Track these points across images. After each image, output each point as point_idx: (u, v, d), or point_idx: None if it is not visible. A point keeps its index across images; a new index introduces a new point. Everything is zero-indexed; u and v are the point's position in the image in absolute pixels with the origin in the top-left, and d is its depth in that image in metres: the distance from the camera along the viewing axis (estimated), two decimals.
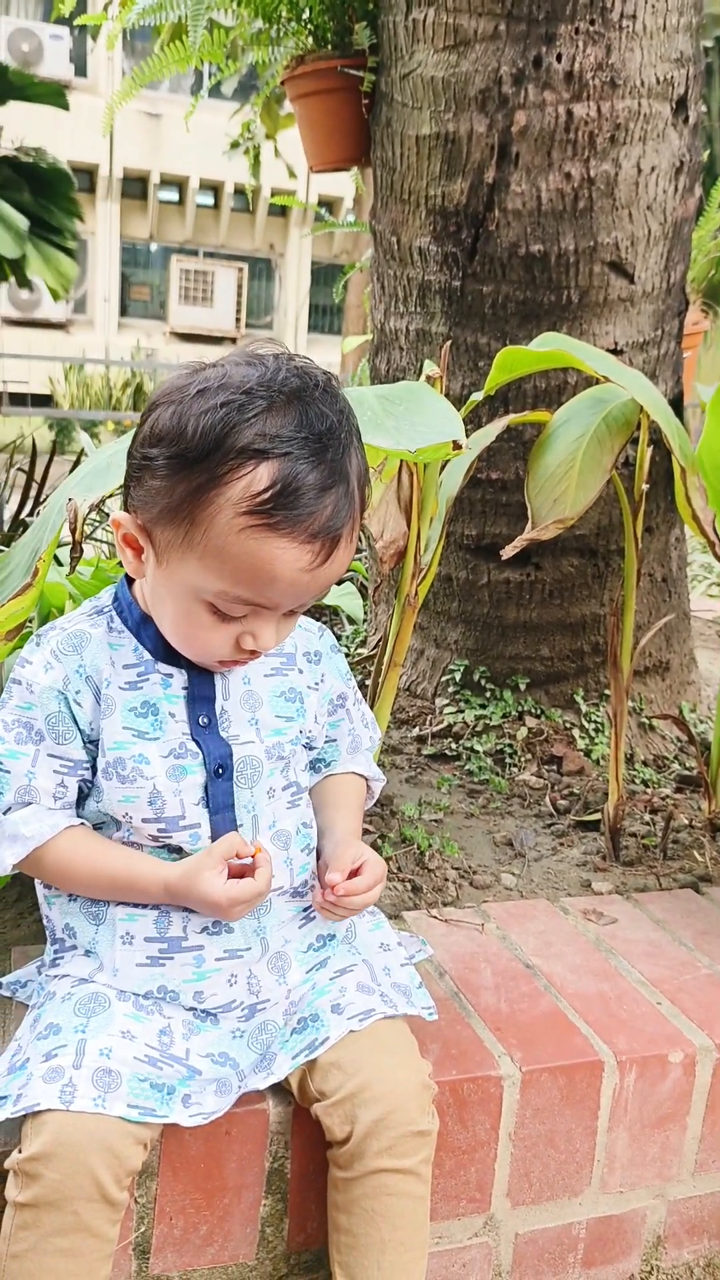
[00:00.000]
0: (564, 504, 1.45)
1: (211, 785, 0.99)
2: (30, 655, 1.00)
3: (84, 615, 1.03)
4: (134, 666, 0.99)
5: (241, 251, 19.28)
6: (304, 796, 1.09)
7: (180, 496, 0.87)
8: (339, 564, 0.91)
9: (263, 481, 0.85)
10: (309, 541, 0.86)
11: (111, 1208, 0.87)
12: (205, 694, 1.00)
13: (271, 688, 1.04)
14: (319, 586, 0.91)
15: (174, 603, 0.93)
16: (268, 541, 0.86)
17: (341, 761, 1.15)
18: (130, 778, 0.97)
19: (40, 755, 0.98)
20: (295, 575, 0.88)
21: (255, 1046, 1.00)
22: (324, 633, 1.13)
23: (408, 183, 1.84)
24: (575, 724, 2.00)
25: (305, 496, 0.85)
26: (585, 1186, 1.16)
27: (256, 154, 3.68)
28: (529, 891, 1.50)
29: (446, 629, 2.03)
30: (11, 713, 0.99)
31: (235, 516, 0.85)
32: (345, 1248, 0.95)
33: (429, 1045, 1.09)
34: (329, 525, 0.87)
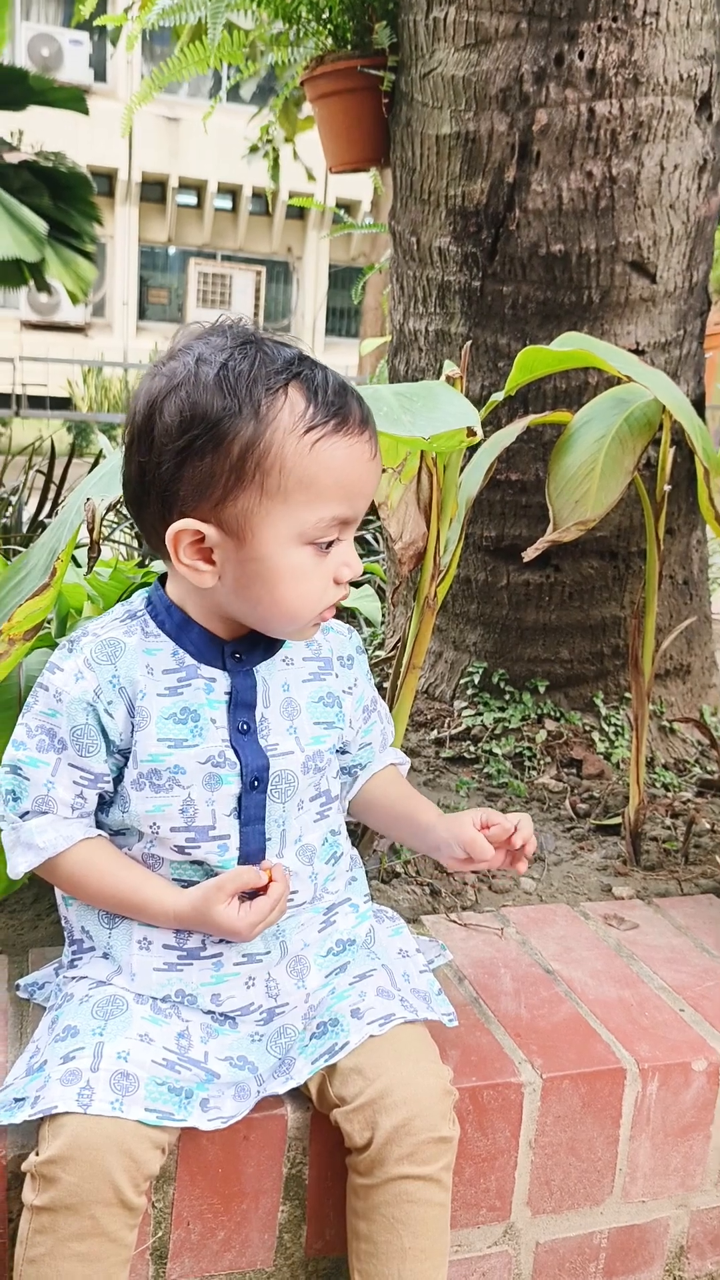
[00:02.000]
0: (585, 506, 1.44)
1: (245, 797, 0.98)
2: (61, 662, 0.98)
3: (117, 621, 1.01)
4: (174, 671, 0.97)
5: (259, 255, 19.33)
6: (334, 805, 1.07)
7: (237, 457, 0.88)
8: (380, 460, 0.96)
9: (299, 401, 0.89)
10: (362, 430, 0.92)
11: (129, 1212, 0.87)
12: (247, 700, 0.99)
13: (310, 694, 1.03)
14: (377, 483, 0.95)
15: (275, 568, 0.91)
16: (338, 444, 0.90)
17: (377, 760, 1.16)
18: (165, 787, 0.96)
19: (61, 765, 0.97)
20: (366, 468, 0.92)
21: (274, 1051, 0.99)
22: (353, 634, 1.12)
23: (427, 183, 1.83)
24: (595, 727, 1.98)
25: (337, 395, 0.91)
26: (607, 1196, 1.14)
27: (275, 157, 3.69)
28: (549, 896, 1.48)
29: (465, 631, 2.02)
30: (36, 718, 0.98)
31: (300, 439, 0.89)
32: (365, 1255, 0.94)
33: (448, 1051, 1.08)
34: (365, 415, 0.93)
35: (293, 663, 1.03)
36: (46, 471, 2.46)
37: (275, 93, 3.05)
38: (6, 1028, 1.07)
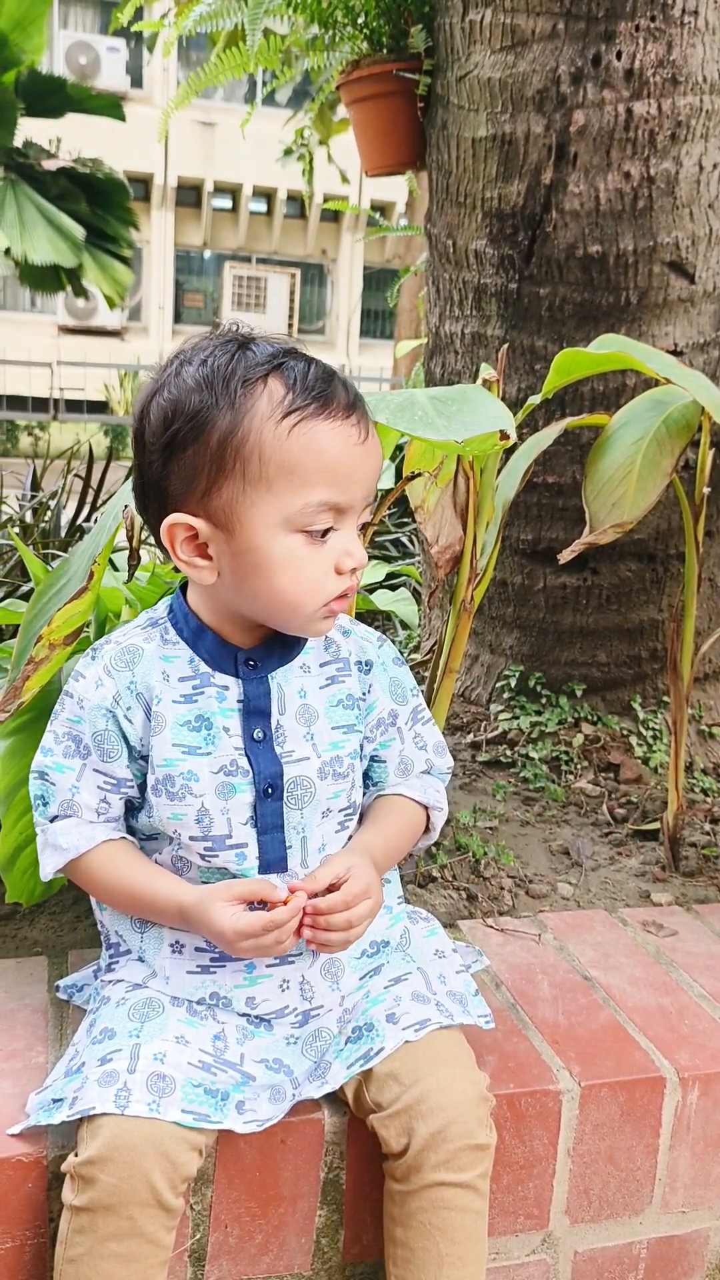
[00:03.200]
0: (623, 508, 1.43)
1: (260, 805, 0.98)
2: (84, 669, 1.00)
3: (138, 628, 1.02)
4: (189, 679, 0.98)
5: (294, 257, 19.39)
6: (358, 815, 1.07)
7: (216, 447, 0.90)
8: (379, 448, 0.94)
9: (278, 388, 0.89)
10: (348, 414, 0.90)
11: (167, 1214, 0.87)
12: (260, 707, 0.98)
13: (328, 698, 1.03)
14: (374, 470, 0.93)
15: (267, 558, 0.91)
16: (317, 428, 0.89)
17: (390, 785, 1.09)
18: (179, 794, 0.97)
19: (85, 771, 0.99)
20: (353, 451, 0.91)
21: (310, 1054, 0.99)
22: (384, 644, 1.10)
23: (463, 185, 1.82)
24: (632, 731, 1.96)
25: (319, 382, 0.90)
26: (646, 1205, 1.13)
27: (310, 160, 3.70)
28: (586, 902, 1.47)
29: (501, 634, 2.02)
30: (63, 725, 1.00)
31: (278, 424, 0.89)
32: (402, 1261, 0.94)
33: (485, 1057, 1.08)
34: (353, 399, 0.91)
35: (309, 670, 1.02)
36: (84, 475, 2.48)
37: (311, 96, 3.06)
38: (47, 1029, 1.08)
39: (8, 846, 1.19)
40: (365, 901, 0.94)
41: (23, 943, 1.26)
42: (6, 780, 1.20)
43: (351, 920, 0.93)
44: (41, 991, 1.14)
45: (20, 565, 2.03)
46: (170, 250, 18.57)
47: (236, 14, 1.97)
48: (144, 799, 1.00)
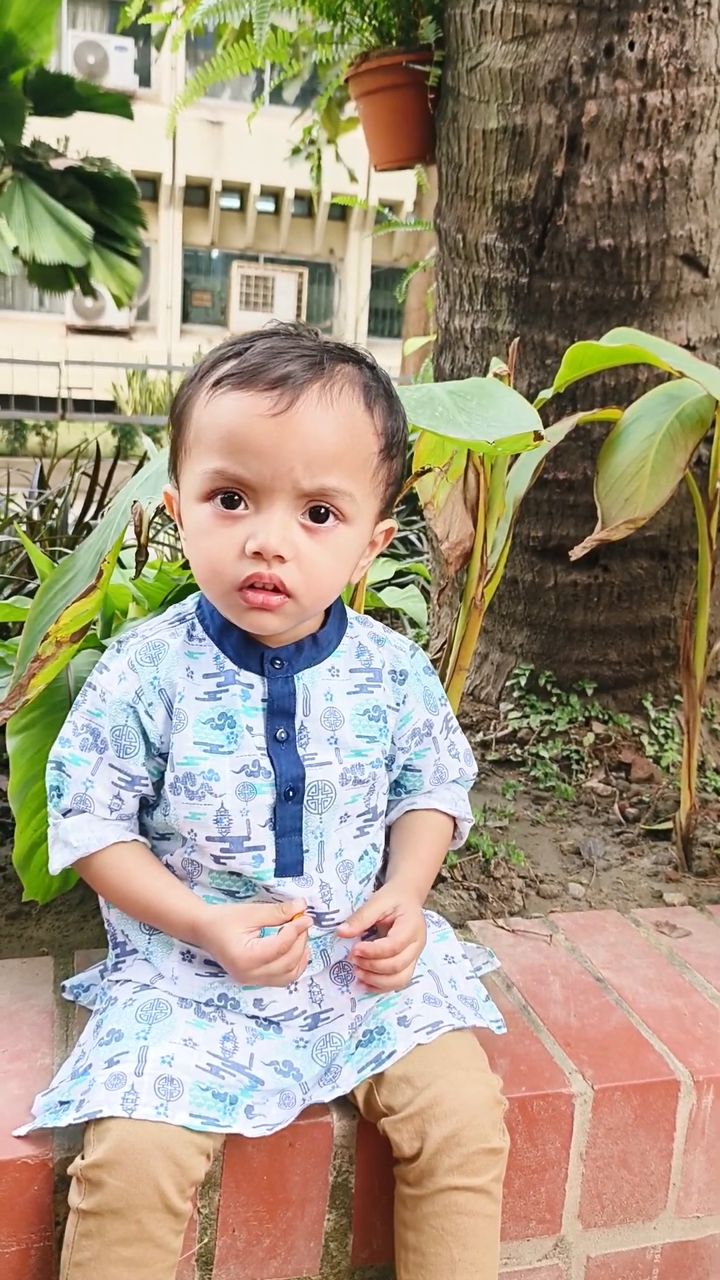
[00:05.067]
0: (635, 504, 1.41)
1: (280, 808, 0.96)
2: (109, 662, 0.99)
3: (166, 623, 1.01)
4: (214, 676, 0.97)
5: (302, 257, 19.38)
6: (377, 821, 1.05)
7: (175, 417, 0.94)
8: (315, 422, 0.87)
9: (229, 363, 0.90)
10: (267, 389, 0.87)
11: (175, 1218, 0.86)
12: (285, 707, 0.97)
13: (355, 705, 1.01)
14: (292, 450, 0.87)
15: (186, 526, 0.93)
16: (231, 396, 0.88)
17: (423, 794, 1.10)
18: (199, 794, 0.95)
19: (101, 765, 0.98)
20: (257, 423, 0.87)
21: (320, 1059, 0.98)
22: (416, 652, 1.09)
23: (474, 178, 1.81)
24: (644, 730, 1.95)
25: (262, 356, 0.88)
26: (660, 1210, 1.11)
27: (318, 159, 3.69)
28: (598, 902, 1.45)
29: (511, 632, 2.00)
30: (83, 716, 0.99)
31: (207, 394, 0.90)
32: (414, 1266, 0.92)
33: (497, 1060, 1.06)
34: (286, 375, 0.87)
35: (338, 673, 1.01)
36: (92, 474, 2.47)
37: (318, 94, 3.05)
38: (52, 1029, 1.07)
39: (23, 843, 1.18)
40: (411, 946, 0.96)
41: (28, 942, 1.25)
42: (19, 776, 1.19)
43: (397, 966, 0.95)
44: (47, 992, 1.13)
45: (26, 562, 2.02)
46: (178, 250, 18.58)
47: (244, 7, 1.96)
48: (160, 797, 0.99)
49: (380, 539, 1.00)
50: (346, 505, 0.91)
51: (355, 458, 0.91)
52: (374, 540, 0.99)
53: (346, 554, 0.93)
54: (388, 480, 0.96)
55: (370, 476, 0.93)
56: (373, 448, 0.92)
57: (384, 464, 0.94)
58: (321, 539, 0.90)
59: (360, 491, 0.92)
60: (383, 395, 0.94)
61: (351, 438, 0.90)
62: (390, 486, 0.97)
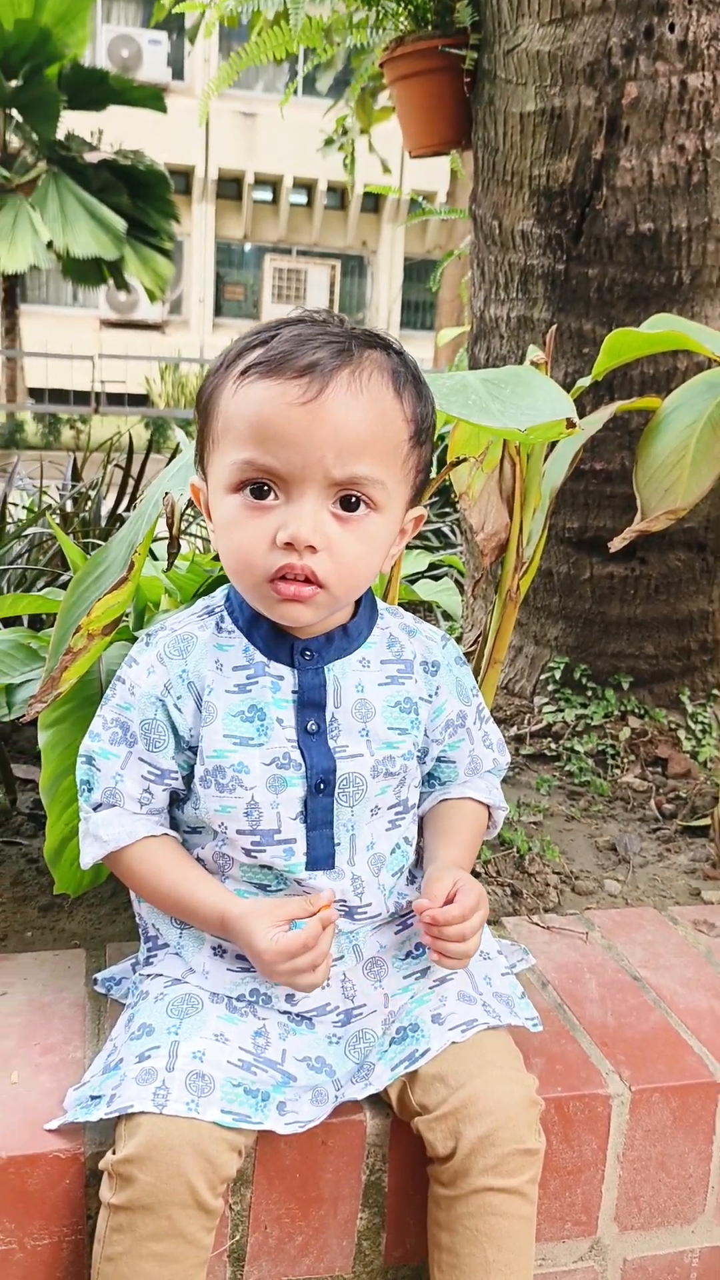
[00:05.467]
0: (675, 494, 1.38)
1: (311, 800, 0.95)
2: (138, 655, 0.99)
3: (195, 615, 1.00)
4: (243, 668, 0.96)
5: (334, 249, 19.35)
6: (409, 814, 1.04)
7: (202, 408, 0.92)
8: (345, 409, 0.86)
9: (256, 351, 0.88)
10: (296, 377, 0.85)
11: (206, 1215, 0.85)
12: (316, 699, 0.96)
13: (386, 697, 0.99)
14: (322, 438, 0.85)
15: (216, 519, 0.92)
16: (258, 385, 0.86)
17: (458, 784, 1.08)
18: (229, 786, 0.94)
19: (131, 759, 0.97)
20: (287, 411, 0.85)
21: (353, 1055, 0.97)
22: (447, 643, 1.07)
23: (510, 163, 1.78)
24: (680, 725, 1.92)
25: (290, 343, 0.87)
26: (699, 1214, 1.09)
27: (351, 150, 3.67)
28: (634, 899, 1.43)
29: (546, 625, 1.97)
30: (113, 710, 0.98)
31: (235, 383, 0.88)
32: (447, 1267, 0.91)
33: (532, 1059, 1.05)
34: (315, 363, 0.86)
35: (369, 664, 0.99)
36: (124, 466, 2.47)
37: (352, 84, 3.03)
38: (84, 1023, 1.06)
39: (54, 837, 1.18)
40: (478, 914, 0.94)
41: (60, 935, 1.25)
42: (50, 770, 1.19)
43: (465, 933, 0.92)
44: (79, 985, 1.13)
45: (60, 554, 2.02)
46: (211, 243, 18.61)
47: None
48: (190, 791, 0.98)
49: (410, 527, 0.98)
50: (377, 493, 0.89)
51: (385, 445, 0.89)
52: (404, 529, 0.97)
53: (378, 543, 0.92)
54: (417, 467, 0.94)
55: (400, 464, 0.91)
56: (403, 434, 0.91)
57: (414, 451, 0.93)
58: (353, 528, 0.89)
59: (391, 479, 0.90)
60: (411, 381, 0.92)
61: (382, 424, 0.88)
62: (420, 473, 0.95)
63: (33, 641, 1.37)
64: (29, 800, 1.55)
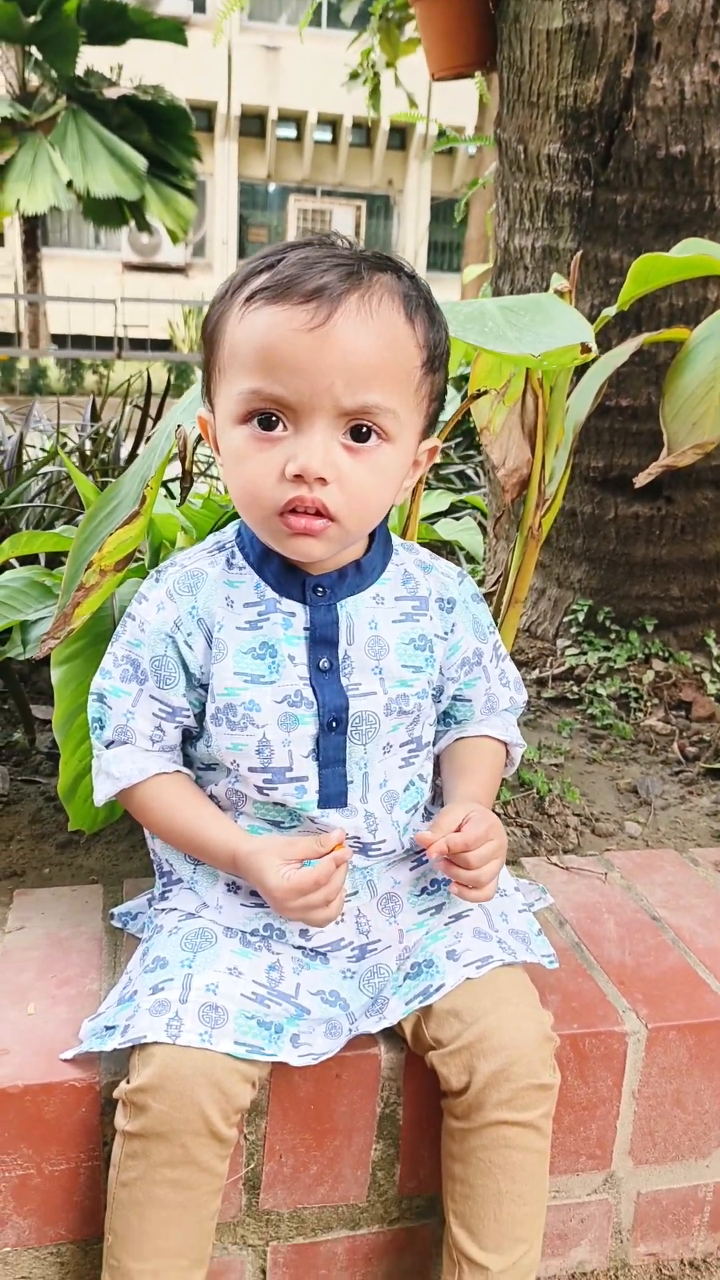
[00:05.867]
0: (703, 427, 1.34)
1: (323, 738, 0.94)
2: (148, 592, 0.97)
3: (205, 551, 0.99)
4: (254, 605, 0.94)
5: (359, 189, 18.97)
6: (423, 752, 1.02)
7: (207, 336, 0.90)
8: (354, 335, 0.82)
9: (261, 276, 0.85)
10: (303, 302, 0.82)
11: (220, 1143, 0.86)
12: (328, 636, 0.94)
13: (400, 634, 0.98)
14: (332, 365, 0.82)
15: (224, 450, 0.89)
16: (264, 311, 0.84)
17: (474, 722, 1.07)
18: (240, 724, 0.93)
19: (142, 697, 0.96)
20: (294, 338, 0.82)
21: (367, 989, 0.97)
22: (464, 579, 1.05)
23: (536, 83, 1.71)
24: (705, 668, 1.89)
25: (293, 271, 0.83)
26: (714, 1148, 1.09)
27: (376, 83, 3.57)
28: (655, 841, 1.42)
29: (569, 567, 1.94)
30: (123, 647, 0.97)
31: (240, 309, 0.85)
32: (460, 1197, 0.92)
33: (549, 996, 1.04)
34: (322, 287, 0.82)
35: (383, 601, 0.98)
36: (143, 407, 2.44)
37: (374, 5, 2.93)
38: (101, 956, 1.07)
39: (68, 775, 1.18)
40: (491, 843, 0.92)
41: (78, 870, 1.25)
42: (63, 708, 1.19)
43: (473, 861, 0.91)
44: (96, 919, 1.13)
45: (78, 494, 2.00)
46: (234, 183, 18.30)
47: None
48: (202, 728, 0.97)
49: (424, 459, 0.96)
50: (389, 423, 0.86)
51: (397, 372, 0.86)
52: (417, 460, 0.94)
53: (390, 474, 0.89)
54: (430, 395, 0.91)
55: (413, 391, 0.88)
56: (415, 361, 0.88)
57: (426, 378, 0.89)
58: (364, 459, 0.86)
59: (403, 408, 0.87)
60: (423, 305, 0.89)
61: (393, 351, 0.85)
62: (433, 402, 0.92)
63: (47, 579, 1.36)
64: (47, 740, 1.55)
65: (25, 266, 13.50)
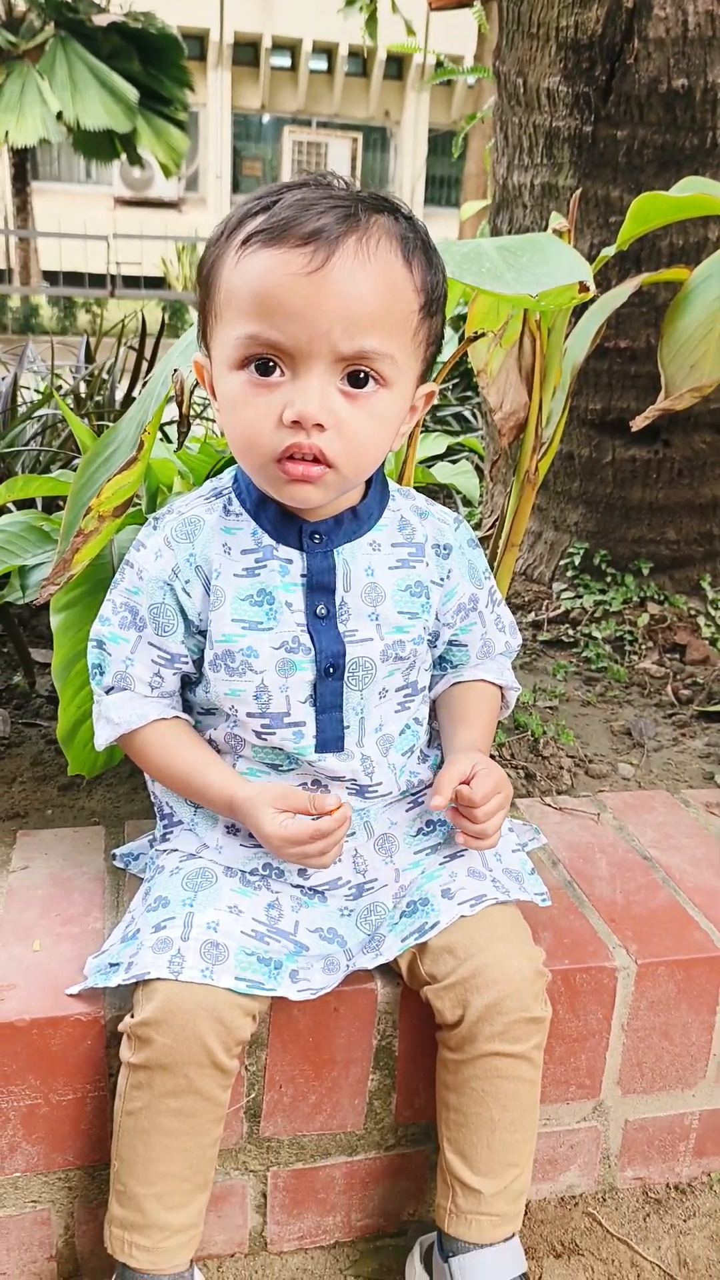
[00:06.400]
0: (701, 370, 1.33)
1: (320, 684, 0.95)
2: (145, 539, 0.98)
3: (202, 498, 0.99)
4: (252, 552, 0.95)
5: (356, 120, 18.51)
6: (419, 696, 1.04)
7: (203, 278, 0.89)
8: (352, 279, 0.82)
9: (258, 218, 0.84)
10: (300, 245, 0.82)
11: (222, 1074, 0.89)
12: (325, 583, 0.95)
13: (396, 581, 0.98)
14: (330, 309, 0.82)
15: (221, 396, 0.89)
16: (261, 254, 0.83)
17: (470, 667, 1.08)
18: (238, 670, 0.94)
19: (140, 643, 0.97)
20: (292, 282, 0.81)
21: (364, 927, 0.99)
22: (460, 524, 1.05)
23: (536, 13, 1.67)
24: (700, 611, 1.90)
25: (289, 213, 0.83)
26: (700, 1079, 1.13)
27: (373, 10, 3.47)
28: (648, 783, 1.44)
29: (566, 510, 1.94)
30: (121, 595, 0.98)
31: (236, 252, 0.85)
32: (454, 1125, 0.95)
33: (541, 933, 1.07)
34: (319, 229, 0.82)
35: (380, 547, 0.98)
36: (138, 349, 2.42)
37: None
38: (104, 895, 1.09)
39: (67, 720, 1.19)
40: (497, 797, 0.95)
41: (80, 812, 1.27)
42: (62, 654, 1.19)
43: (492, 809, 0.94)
44: (99, 860, 1.15)
45: (73, 438, 1.99)
46: (227, 115, 17.84)
47: None
48: (201, 674, 0.98)
49: (421, 404, 0.95)
50: (387, 368, 0.86)
51: (395, 316, 0.85)
52: (415, 405, 0.94)
53: (388, 420, 0.89)
54: (428, 340, 0.91)
55: (411, 336, 0.88)
56: (413, 305, 0.87)
57: (424, 322, 0.89)
58: (361, 405, 0.86)
59: (401, 353, 0.87)
60: (420, 248, 0.88)
61: (391, 295, 0.85)
62: (430, 346, 0.92)
63: (45, 524, 1.36)
64: (47, 684, 1.56)
65: (15, 201, 13.21)
